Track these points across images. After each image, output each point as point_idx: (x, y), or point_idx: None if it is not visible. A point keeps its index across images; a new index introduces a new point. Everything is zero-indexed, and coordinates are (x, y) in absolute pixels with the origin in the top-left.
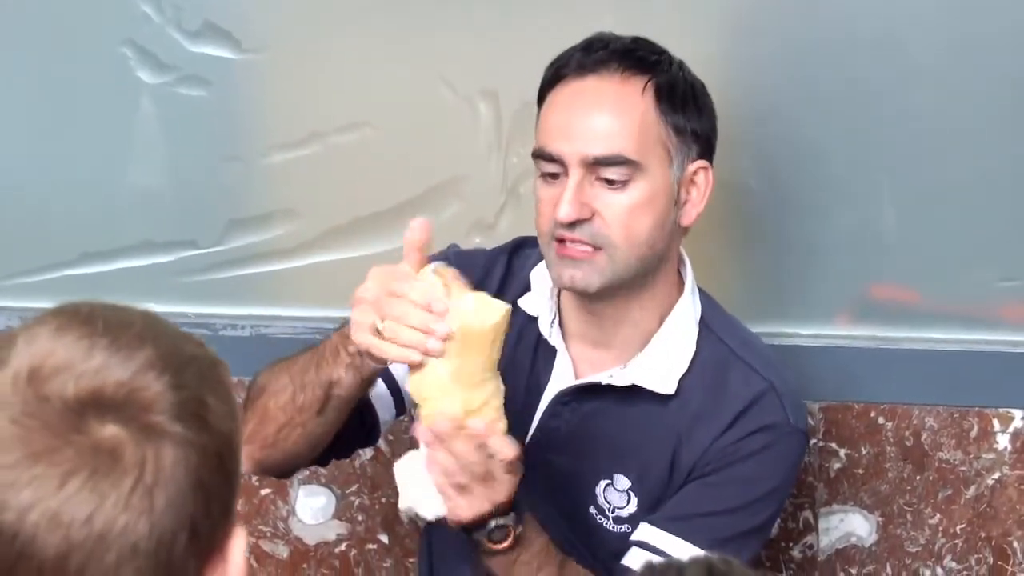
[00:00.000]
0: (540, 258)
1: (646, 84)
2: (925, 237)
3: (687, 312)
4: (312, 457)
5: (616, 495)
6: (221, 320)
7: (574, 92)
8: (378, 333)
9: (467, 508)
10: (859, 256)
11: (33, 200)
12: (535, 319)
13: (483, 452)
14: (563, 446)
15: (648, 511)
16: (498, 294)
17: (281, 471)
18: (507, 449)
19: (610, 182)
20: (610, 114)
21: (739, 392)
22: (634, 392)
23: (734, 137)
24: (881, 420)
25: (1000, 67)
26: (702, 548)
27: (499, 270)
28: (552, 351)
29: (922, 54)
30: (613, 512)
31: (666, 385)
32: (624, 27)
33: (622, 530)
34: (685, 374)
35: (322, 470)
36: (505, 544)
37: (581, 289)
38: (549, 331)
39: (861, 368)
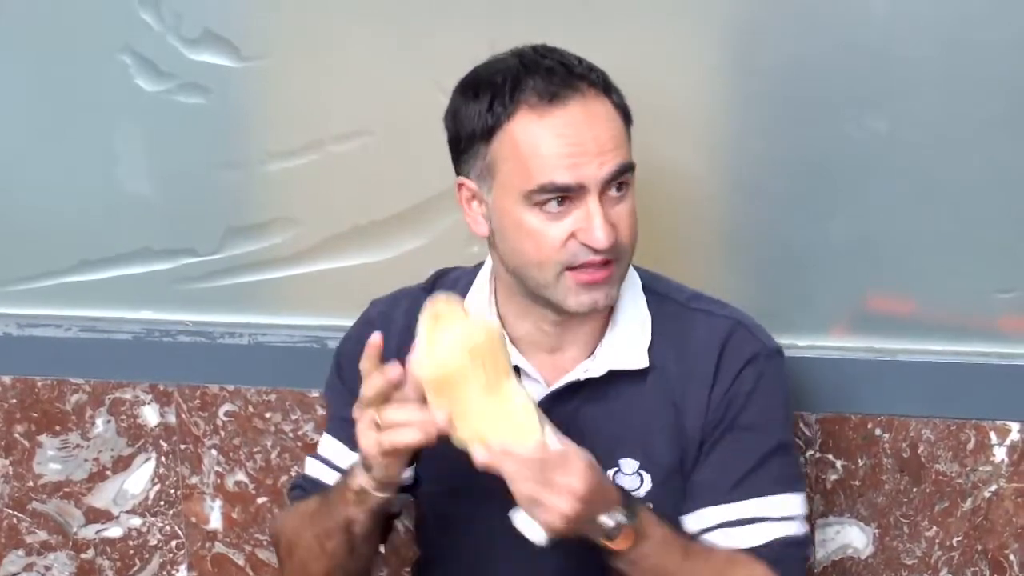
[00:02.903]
0: (467, 285)
1: (611, 98)
2: (922, 248)
3: (629, 286)
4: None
5: (627, 479)
6: (219, 328)
7: (565, 117)
8: (377, 427)
9: (548, 514)
10: (856, 267)
11: (32, 207)
12: None
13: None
14: None
15: (662, 485)
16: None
17: None
18: (522, 448)
19: (619, 190)
20: (610, 128)
21: (710, 340)
22: (611, 377)
23: (731, 147)
24: (878, 432)
25: (998, 75)
26: (769, 495)
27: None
28: (515, 371)
29: (920, 62)
30: None
31: (639, 360)
32: (626, 35)
33: None
34: (651, 344)
35: None
36: (628, 542)
37: (604, 307)
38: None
39: (858, 380)
